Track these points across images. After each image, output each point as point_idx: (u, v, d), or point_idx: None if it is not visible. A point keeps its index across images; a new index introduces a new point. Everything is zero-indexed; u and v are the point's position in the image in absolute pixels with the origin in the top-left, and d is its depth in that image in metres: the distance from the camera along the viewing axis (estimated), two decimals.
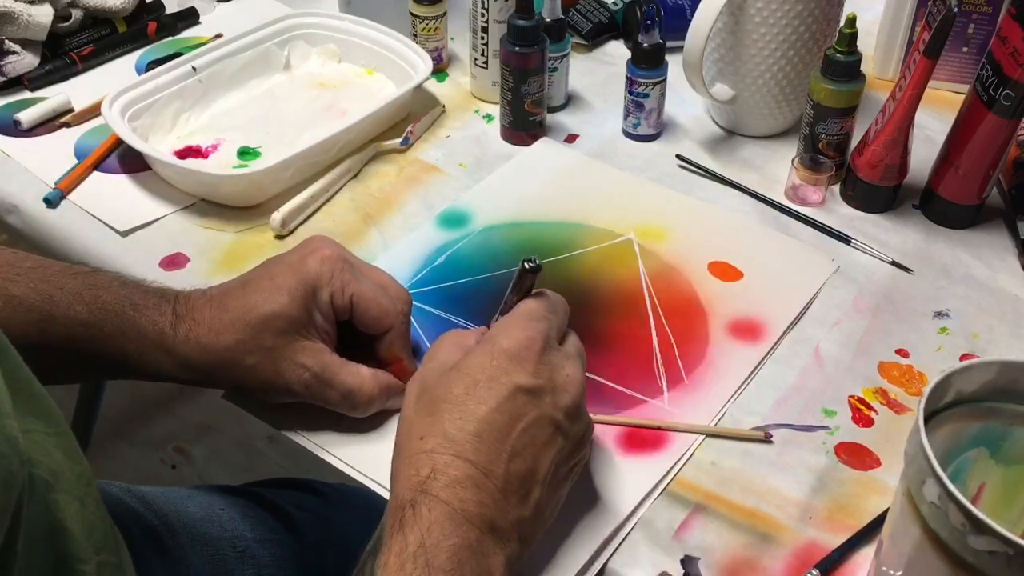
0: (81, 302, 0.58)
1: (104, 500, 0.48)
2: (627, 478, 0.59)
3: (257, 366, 0.58)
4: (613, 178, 0.85)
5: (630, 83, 0.88)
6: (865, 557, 0.55)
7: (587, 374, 0.65)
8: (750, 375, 0.67)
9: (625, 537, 0.57)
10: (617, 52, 1.04)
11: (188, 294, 0.61)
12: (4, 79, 0.92)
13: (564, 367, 0.52)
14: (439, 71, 0.99)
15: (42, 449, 0.41)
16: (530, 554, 0.52)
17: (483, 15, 0.90)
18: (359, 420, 0.61)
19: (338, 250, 0.61)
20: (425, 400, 0.51)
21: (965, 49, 0.93)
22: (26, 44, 0.93)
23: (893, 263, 0.76)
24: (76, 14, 0.96)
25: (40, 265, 0.60)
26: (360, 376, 0.59)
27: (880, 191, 0.81)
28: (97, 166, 0.84)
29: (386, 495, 0.59)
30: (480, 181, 0.84)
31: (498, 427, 0.49)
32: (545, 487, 0.50)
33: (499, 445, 0.48)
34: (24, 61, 0.92)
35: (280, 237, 0.78)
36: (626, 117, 0.90)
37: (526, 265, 0.54)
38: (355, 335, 0.62)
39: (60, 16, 0.95)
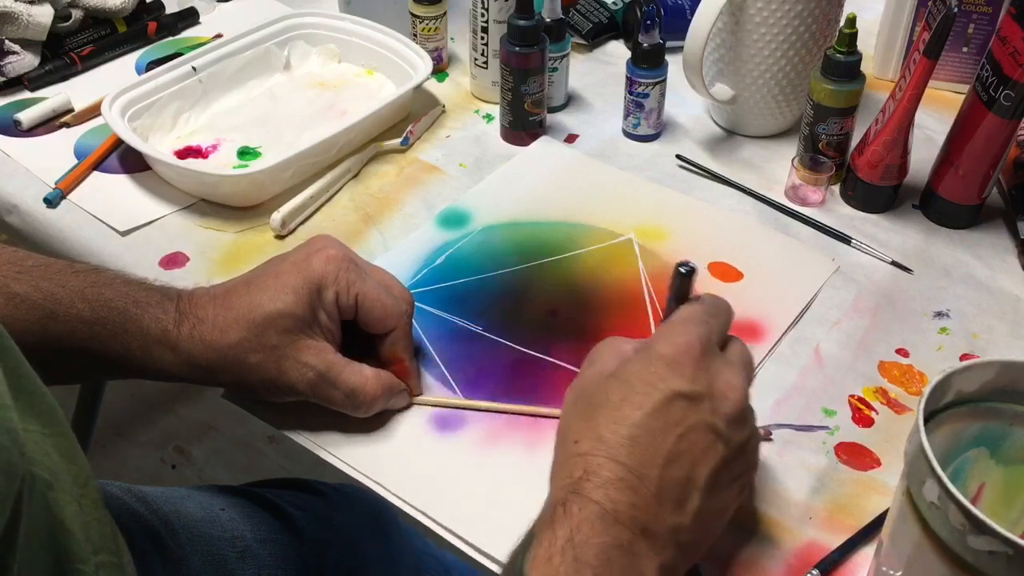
0: (83, 300, 0.58)
1: (104, 500, 0.48)
2: None
3: (261, 364, 0.58)
4: (613, 178, 0.85)
5: (630, 83, 0.88)
6: (865, 557, 0.55)
7: None
8: None
9: None
10: (617, 52, 1.04)
11: (191, 292, 0.60)
12: (4, 79, 0.92)
13: (724, 373, 0.50)
14: (439, 71, 0.99)
15: (41, 450, 0.41)
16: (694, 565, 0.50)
17: (483, 15, 0.90)
18: (360, 420, 0.61)
19: (343, 250, 0.61)
20: (581, 405, 0.50)
21: (965, 49, 0.93)
22: (26, 44, 0.93)
23: (893, 263, 0.76)
24: (76, 14, 0.96)
25: (42, 263, 0.60)
26: (363, 376, 0.59)
27: (880, 191, 0.81)
28: (97, 166, 0.84)
29: (386, 495, 0.59)
30: (480, 181, 0.84)
31: (653, 432, 0.47)
32: (704, 495, 0.48)
33: (654, 450, 0.47)
34: (24, 61, 0.92)
35: (280, 237, 0.78)
36: (626, 117, 0.90)
37: (680, 269, 0.53)
38: (356, 335, 0.62)
39: (60, 16, 0.95)
